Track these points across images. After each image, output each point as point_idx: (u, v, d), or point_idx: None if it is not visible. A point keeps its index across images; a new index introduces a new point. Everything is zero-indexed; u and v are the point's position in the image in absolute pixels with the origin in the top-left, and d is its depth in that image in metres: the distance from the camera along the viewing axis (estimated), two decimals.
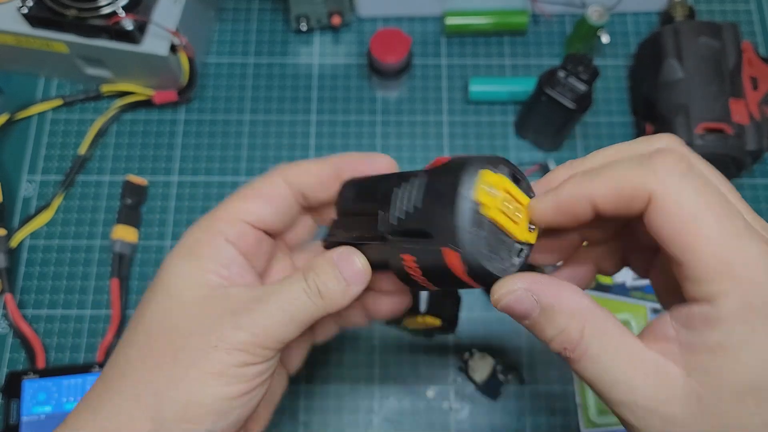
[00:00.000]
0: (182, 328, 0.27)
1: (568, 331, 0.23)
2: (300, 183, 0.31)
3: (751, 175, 0.57)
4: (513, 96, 0.58)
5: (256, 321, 0.27)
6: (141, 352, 0.27)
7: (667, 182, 0.22)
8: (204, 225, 0.30)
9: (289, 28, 0.61)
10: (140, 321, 0.28)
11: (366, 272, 0.29)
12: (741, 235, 0.21)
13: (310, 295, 0.28)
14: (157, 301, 0.28)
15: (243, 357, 0.27)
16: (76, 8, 0.50)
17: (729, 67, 0.52)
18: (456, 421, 0.49)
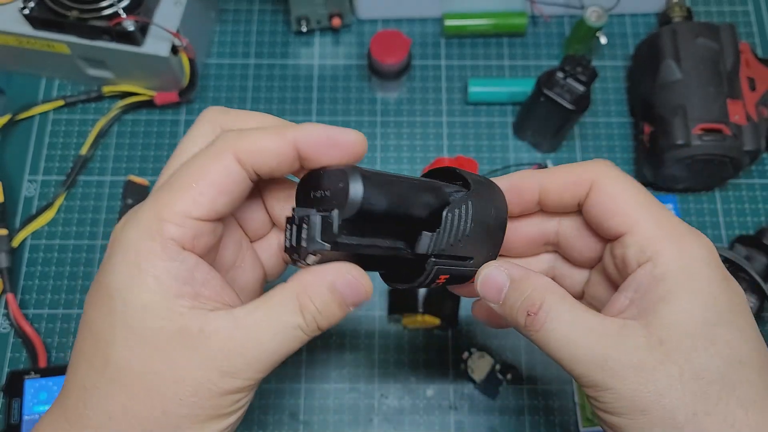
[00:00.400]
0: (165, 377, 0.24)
1: (531, 296, 0.26)
2: (254, 161, 0.25)
3: (748, 176, 0.57)
4: (512, 97, 0.58)
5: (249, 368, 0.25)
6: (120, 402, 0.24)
7: (605, 173, 0.28)
8: (148, 231, 0.24)
9: (289, 29, 0.61)
10: (108, 363, 0.24)
11: (369, 288, 0.26)
12: (666, 212, 0.27)
13: (306, 331, 0.26)
14: (124, 339, 0.24)
15: (236, 397, 0.25)
16: (77, 9, 0.50)
17: (727, 68, 0.52)
18: (455, 420, 0.49)
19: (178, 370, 0.24)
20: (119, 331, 0.24)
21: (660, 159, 0.51)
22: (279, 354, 0.25)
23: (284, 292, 0.25)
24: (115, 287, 0.24)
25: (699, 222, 0.55)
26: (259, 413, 0.49)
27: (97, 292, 0.25)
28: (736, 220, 0.55)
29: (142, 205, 0.25)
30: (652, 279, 0.26)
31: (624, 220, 0.27)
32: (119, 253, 0.25)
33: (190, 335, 0.24)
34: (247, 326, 0.24)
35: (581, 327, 0.25)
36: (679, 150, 0.50)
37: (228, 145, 0.25)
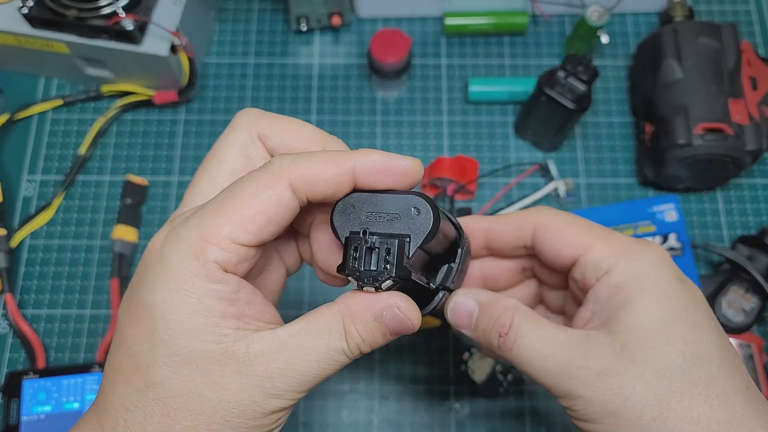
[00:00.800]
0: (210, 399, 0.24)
1: (501, 318, 0.28)
2: (309, 191, 0.24)
3: (750, 175, 0.57)
4: (512, 96, 0.58)
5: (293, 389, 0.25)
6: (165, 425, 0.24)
7: (546, 215, 0.31)
8: (192, 252, 0.23)
9: (289, 28, 0.61)
10: (150, 385, 0.24)
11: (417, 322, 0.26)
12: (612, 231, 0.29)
13: (349, 355, 0.25)
14: (167, 362, 0.23)
15: (277, 416, 0.25)
16: (76, 8, 0.50)
17: (728, 67, 0.52)
18: (456, 420, 0.49)
19: (223, 392, 0.24)
20: (162, 354, 0.23)
21: (661, 158, 0.51)
22: (321, 376, 0.25)
23: (330, 316, 0.25)
24: (157, 308, 0.24)
25: (701, 222, 0.55)
26: None
27: (136, 309, 0.24)
28: (738, 220, 0.55)
29: (186, 223, 0.24)
30: (609, 289, 0.28)
31: (575, 247, 0.29)
32: (160, 271, 0.24)
33: (235, 358, 0.24)
34: (291, 348, 0.24)
35: (549, 341, 0.27)
36: (681, 149, 0.50)
37: (284, 172, 0.24)
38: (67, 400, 0.47)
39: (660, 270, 0.27)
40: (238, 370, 0.24)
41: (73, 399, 0.47)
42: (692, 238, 0.54)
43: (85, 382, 0.47)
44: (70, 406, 0.47)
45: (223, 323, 0.24)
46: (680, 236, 0.52)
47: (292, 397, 0.25)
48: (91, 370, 0.48)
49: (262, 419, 0.25)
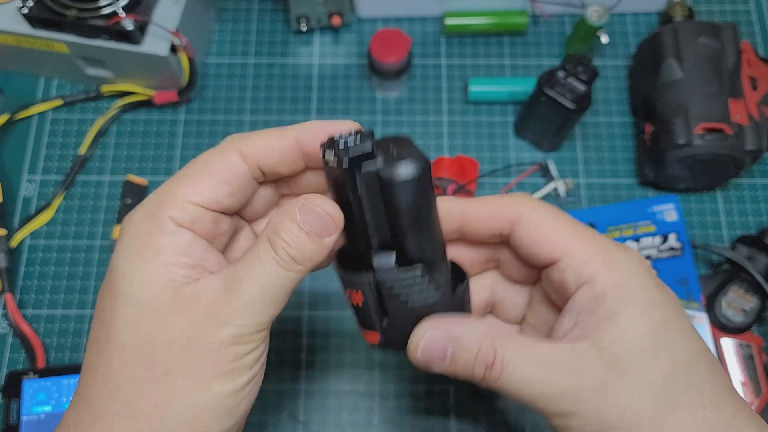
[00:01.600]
0: (162, 339, 0.25)
1: (483, 349, 0.26)
2: (258, 159, 0.27)
3: (750, 175, 0.57)
4: (512, 96, 0.58)
5: (241, 312, 0.25)
6: (125, 370, 0.25)
7: (527, 205, 0.29)
8: (149, 213, 0.26)
9: (289, 28, 0.61)
10: (110, 336, 0.25)
11: (337, 216, 0.26)
12: (593, 232, 0.28)
13: (284, 265, 0.26)
14: (123, 312, 0.25)
15: (236, 350, 0.25)
16: (76, 8, 0.50)
17: (728, 67, 0.52)
18: (456, 421, 0.49)
19: (173, 331, 0.25)
20: (120, 303, 0.25)
21: (661, 158, 0.51)
22: (267, 293, 0.25)
23: (259, 240, 0.26)
24: (119, 265, 0.26)
25: (700, 222, 0.55)
26: (259, 414, 0.49)
27: (107, 274, 0.27)
28: (738, 220, 0.55)
29: (149, 196, 0.27)
30: (593, 299, 0.27)
31: (555, 247, 0.28)
32: (124, 235, 0.26)
33: (182, 298, 0.25)
34: (230, 277, 0.26)
35: (535, 364, 0.26)
36: (681, 149, 0.50)
37: (233, 144, 0.27)
38: (68, 400, 0.47)
39: (642, 278, 0.27)
40: (185, 306, 0.25)
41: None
42: (692, 238, 0.54)
43: None
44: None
45: (176, 271, 0.25)
46: (680, 236, 0.52)
47: (242, 323, 0.25)
48: None
49: (215, 353, 0.25)
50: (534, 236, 0.28)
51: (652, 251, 0.51)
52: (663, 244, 0.52)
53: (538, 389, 0.26)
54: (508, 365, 0.26)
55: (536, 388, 0.26)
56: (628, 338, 0.25)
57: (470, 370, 0.27)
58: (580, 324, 0.27)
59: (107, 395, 0.25)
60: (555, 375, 0.26)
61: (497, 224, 0.30)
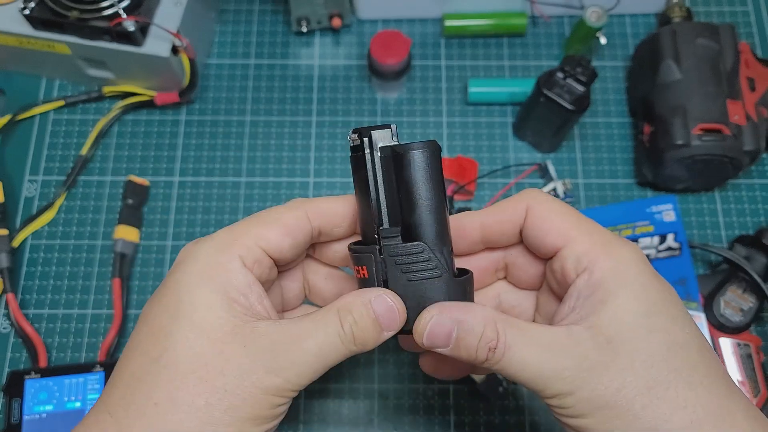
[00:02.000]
0: (215, 368, 0.26)
1: (487, 332, 0.27)
2: (323, 222, 0.31)
3: (748, 176, 0.57)
4: (512, 97, 0.58)
5: (293, 367, 0.26)
6: (169, 390, 0.25)
7: (535, 198, 0.30)
8: (221, 246, 0.28)
9: (289, 29, 0.61)
10: (164, 354, 0.26)
11: (402, 312, 0.28)
12: (595, 225, 0.30)
13: (344, 341, 0.27)
14: (184, 334, 0.26)
15: (274, 400, 0.26)
16: (78, 10, 0.50)
17: (726, 68, 0.52)
18: (456, 420, 0.49)
19: (227, 363, 0.26)
20: (181, 324, 0.26)
21: (660, 159, 0.51)
22: (319, 360, 0.27)
23: (327, 308, 0.28)
24: (184, 288, 0.27)
25: (699, 222, 0.55)
26: None
27: (164, 292, 0.28)
28: (736, 221, 0.55)
29: (215, 232, 0.29)
30: (590, 285, 0.28)
31: (558, 235, 0.29)
32: (191, 261, 0.28)
33: (242, 333, 0.26)
34: (292, 331, 0.27)
35: (535, 347, 0.27)
36: (679, 150, 0.50)
37: (300, 204, 0.31)
38: (69, 399, 0.47)
39: (637, 266, 0.28)
40: (244, 343, 0.26)
41: (75, 398, 0.47)
42: (690, 238, 0.54)
43: (86, 381, 0.47)
44: (71, 405, 0.47)
45: (237, 306, 0.27)
46: (678, 236, 0.52)
47: (290, 379, 0.26)
48: (93, 370, 0.48)
49: (259, 397, 0.26)
50: (541, 227, 0.30)
51: (650, 251, 0.52)
52: (661, 244, 0.52)
53: (536, 370, 0.27)
54: (510, 348, 0.27)
55: (534, 370, 0.27)
56: (621, 320, 0.27)
57: (473, 353, 0.27)
58: (577, 309, 0.28)
59: (140, 412, 0.25)
60: (553, 357, 0.26)
61: (516, 222, 0.31)
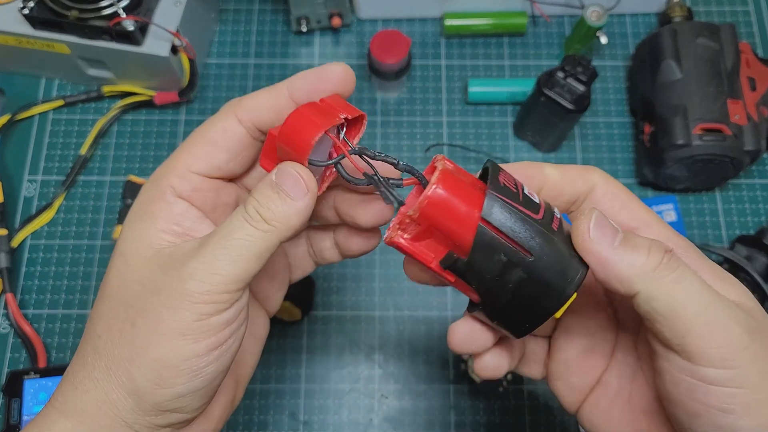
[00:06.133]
0: (134, 290, 0.26)
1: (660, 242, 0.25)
2: (254, 119, 0.28)
3: (748, 175, 0.57)
4: (512, 97, 0.58)
5: (204, 266, 0.25)
6: (106, 323, 0.26)
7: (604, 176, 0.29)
8: (153, 181, 0.28)
9: (289, 29, 0.61)
10: (102, 291, 0.27)
11: (310, 182, 0.26)
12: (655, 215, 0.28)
13: (253, 224, 0.25)
14: (113, 267, 0.27)
15: (201, 308, 0.24)
16: (77, 9, 0.50)
17: (727, 67, 0.52)
18: (456, 420, 0.49)
19: (143, 282, 0.26)
20: (114, 260, 0.27)
21: (660, 159, 0.51)
22: (231, 253, 0.25)
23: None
24: (123, 227, 0.28)
25: (699, 222, 0.55)
26: (260, 414, 0.49)
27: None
28: (737, 220, 0.55)
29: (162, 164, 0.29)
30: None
31: (634, 215, 0.28)
32: (134, 205, 0.28)
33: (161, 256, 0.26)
34: (205, 238, 0.26)
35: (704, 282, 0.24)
36: (680, 150, 0.50)
37: (228, 109, 0.28)
38: None
39: None
40: (160, 262, 0.26)
41: None
42: (691, 238, 0.54)
43: None
44: None
45: (163, 235, 0.27)
46: None
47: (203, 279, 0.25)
48: None
49: (178, 308, 0.25)
50: (611, 203, 0.28)
51: None
52: None
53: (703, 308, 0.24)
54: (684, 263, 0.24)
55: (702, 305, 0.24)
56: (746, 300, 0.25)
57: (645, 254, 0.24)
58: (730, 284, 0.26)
59: (92, 348, 0.26)
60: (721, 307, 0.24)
61: (575, 189, 0.29)
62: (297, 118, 0.26)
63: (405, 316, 0.52)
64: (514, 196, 0.25)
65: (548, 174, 0.29)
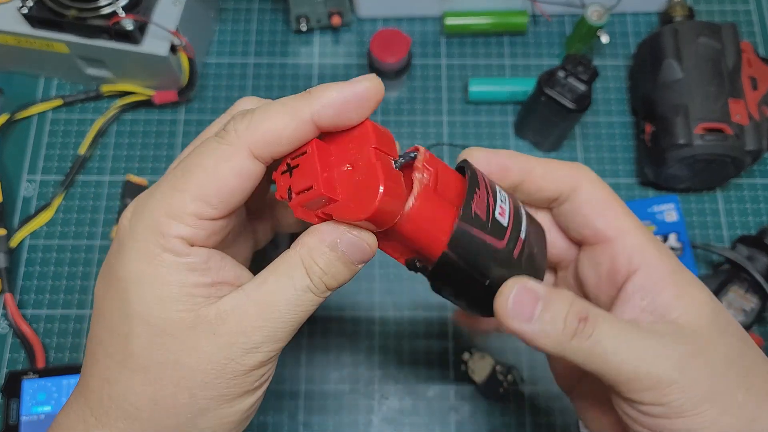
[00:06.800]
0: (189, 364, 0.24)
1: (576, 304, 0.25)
2: (275, 153, 0.25)
3: (750, 175, 0.57)
4: (512, 96, 0.58)
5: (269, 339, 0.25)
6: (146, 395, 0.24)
7: (589, 177, 0.29)
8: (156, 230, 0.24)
9: (289, 28, 0.61)
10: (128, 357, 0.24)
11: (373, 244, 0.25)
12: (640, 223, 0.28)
13: (318, 294, 0.25)
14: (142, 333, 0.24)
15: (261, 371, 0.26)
16: (76, 8, 0.50)
17: (728, 67, 0.52)
18: (456, 421, 0.49)
19: (200, 355, 0.24)
20: (136, 324, 0.24)
21: (661, 158, 0.51)
22: (295, 320, 0.25)
23: (290, 259, 0.25)
24: (130, 279, 0.24)
25: (701, 222, 0.55)
26: (259, 414, 0.49)
27: (111, 282, 0.25)
28: (738, 220, 0.55)
29: (151, 197, 0.25)
30: (656, 282, 0.26)
31: (611, 224, 0.28)
32: (131, 245, 0.24)
33: (207, 321, 0.24)
34: (259, 299, 0.24)
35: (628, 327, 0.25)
36: (681, 149, 0.50)
37: (241, 141, 0.24)
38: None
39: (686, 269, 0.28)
40: (212, 331, 0.24)
41: None
42: (692, 238, 0.54)
43: None
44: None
45: (195, 291, 0.24)
46: (680, 236, 0.52)
47: (270, 348, 0.25)
48: None
49: (243, 377, 0.25)
50: (593, 206, 0.28)
51: None
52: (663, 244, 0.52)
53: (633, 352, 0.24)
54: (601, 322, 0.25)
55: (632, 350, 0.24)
56: (699, 319, 0.25)
57: (561, 325, 0.25)
58: (650, 308, 0.26)
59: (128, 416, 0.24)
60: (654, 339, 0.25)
61: (557, 187, 0.29)
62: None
63: (405, 316, 0.52)
64: (483, 225, 0.26)
65: (531, 169, 0.29)
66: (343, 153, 0.25)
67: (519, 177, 0.29)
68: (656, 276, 0.27)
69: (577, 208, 0.29)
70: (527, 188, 0.30)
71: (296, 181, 0.25)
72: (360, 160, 0.24)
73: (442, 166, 0.27)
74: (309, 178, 0.24)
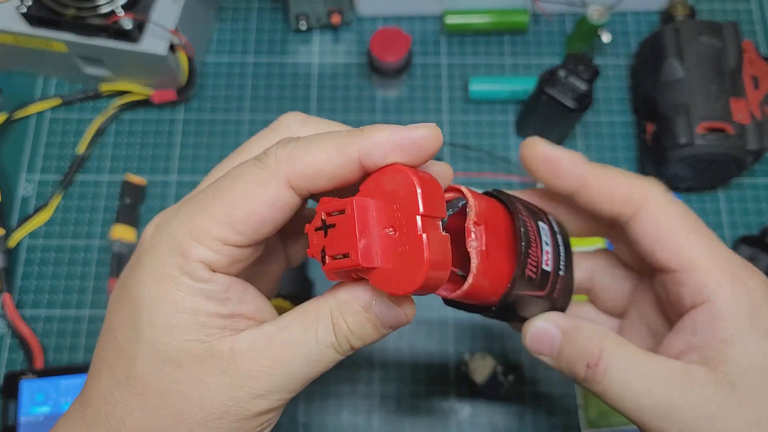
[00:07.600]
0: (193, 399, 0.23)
1: (588, 346, 0.25)
2: (313, 187, 0.23)
3: (752, 175, 0.56)
4: (513, 95, 0.57)
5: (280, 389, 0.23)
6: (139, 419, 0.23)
7: (656, 197, 0.26)
8: (178, 251, 0.23)
9: (288, 27, 0.61)
10: (131, 380, 0.23)
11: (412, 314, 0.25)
12: (719, 243, 0.26)
13: (341, 352, 0.24)
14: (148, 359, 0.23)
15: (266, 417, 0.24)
16: (74, 7, 0.50)
17: (730, 66, 0.51)
18: (456, 421, 0.49)
19: (205, 391, 0.23)
20: (144, 348, 0.23)
21: (663, 158, 0.51)
22: (310, 375, 0.24)
23: (318, 308, 0.24)
24: (143, 300, 0.23)
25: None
26: None
27: (124, 299, 0.24)
28: (740, 220, 0.55)
29: (175, 217, 0.23)
30: (711, 321, 0.25)
31: (675, 256, 0.26)
32: (149, 263, 0.23)
33: (219, 356, 0.23)
34: (278, 345, 0.23)
35: (644, 375, 0.24)
36: (682, 149, 0.50)
37: (280, 168, 0.22)
38: (66, 400, 0.47)
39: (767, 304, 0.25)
40: (222, 368, 0.23)
41: (72, 400, 0.47)
42: None
43: (83, 382, 0.47)
44: (68, 406, 0.46)
45: (210, 322, 0.23)
46: None
47: (278, 398, 0.24)
48: None
49: (246, 421, 0.23)
50: (655, 236, 0.26)
51: None
52: None
53: (642, 402, 0.24)
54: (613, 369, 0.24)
55: (641, 400, 0.24)
56: (749, 368, 0.24)
57: (573, 367, 0.25)
58: (696, 347, 0.25)
59: None
60: (663, 391, 0.24)
61: (618, 207, 0.26)
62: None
63: None
64: (532, 283, 0.26)
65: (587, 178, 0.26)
66: (386, 212, 0.22)
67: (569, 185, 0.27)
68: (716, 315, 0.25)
69: (638, 236, 0.26)
70: (583, 200, 0.27)
71: (331, 244, 0.22)
72: (404, 226, 0.21)
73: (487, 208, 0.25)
74: (346, 243, 0.22)
